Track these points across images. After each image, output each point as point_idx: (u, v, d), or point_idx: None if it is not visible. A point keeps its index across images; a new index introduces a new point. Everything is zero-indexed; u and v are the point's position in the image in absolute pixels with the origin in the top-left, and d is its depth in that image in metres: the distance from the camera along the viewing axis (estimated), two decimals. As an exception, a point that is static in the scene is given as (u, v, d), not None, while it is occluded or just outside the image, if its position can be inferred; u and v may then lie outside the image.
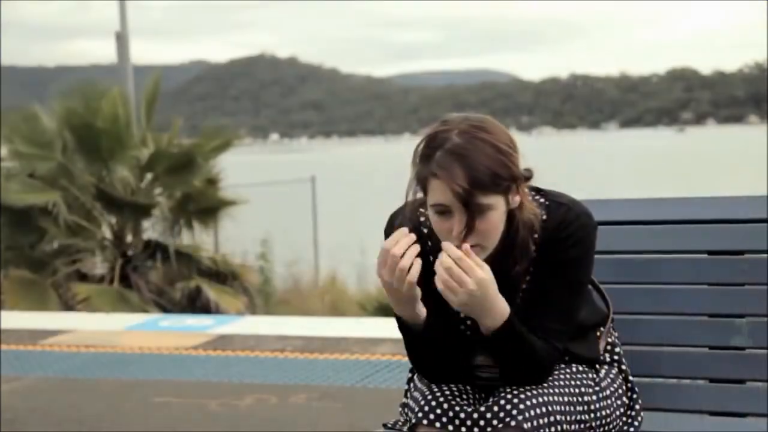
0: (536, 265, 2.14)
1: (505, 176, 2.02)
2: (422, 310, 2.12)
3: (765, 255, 2.43)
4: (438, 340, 2.15)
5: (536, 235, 2.13)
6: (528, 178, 2.10)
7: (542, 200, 2.16)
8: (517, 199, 2.08)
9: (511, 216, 2.09)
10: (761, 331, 2.41)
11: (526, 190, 2.12)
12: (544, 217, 2.13)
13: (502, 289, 2.08)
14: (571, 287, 2.14)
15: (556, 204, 2.15)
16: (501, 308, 2.06)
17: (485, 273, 2.01)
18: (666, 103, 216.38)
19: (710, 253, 2.49)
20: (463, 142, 2.01)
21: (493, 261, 2.10)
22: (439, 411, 2.06)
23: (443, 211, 2.03)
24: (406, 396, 2.29)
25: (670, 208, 2.57)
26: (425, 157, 2.05)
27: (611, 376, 2.27)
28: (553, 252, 2.11)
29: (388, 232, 2.19)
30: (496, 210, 2.03)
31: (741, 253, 2.46)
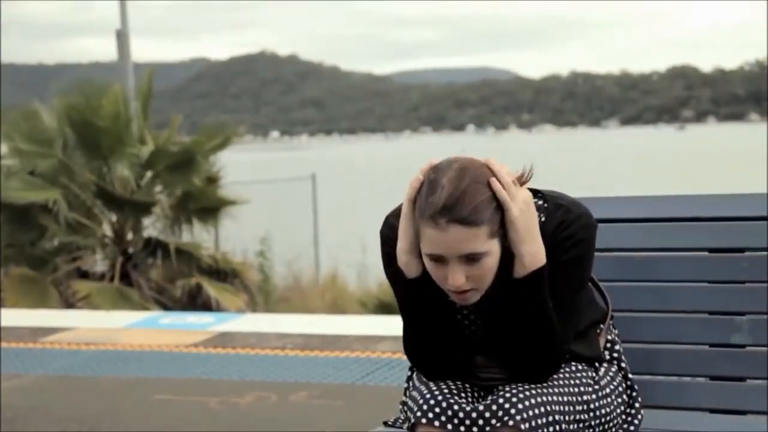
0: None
1: (497, 215, 2.02)
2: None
3: (765, 253, 2.43)
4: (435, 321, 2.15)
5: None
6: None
7: (540, 202, 2.16)
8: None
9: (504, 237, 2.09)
10: (761, 329, 2.41)
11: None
12: (543, 219, 2.12)
13: (503, 296, 2.09)
14: (571, 287, 2.15)
15: (555, 206, 2.15)
16: (541, 244, 2.07)
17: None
18: (666, 100, 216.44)
19: (711, 250, 2.49)
20: (456, 191, 1.98)
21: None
22: (438, 410, 2.06)
23: (438, 260, 2.02)
24: (405, 394, 2.29)
25: (670, 205, 2.57)
26: (418, 205, 2.03)
27: (611, 374, 2.26)
28: (554, 253, 2.11)
29: (384, 232, 2.21)
30: (491, 255, 2.03)
31: (741, 250, 2.46)
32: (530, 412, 2.01)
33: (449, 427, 2.03)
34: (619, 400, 2.24)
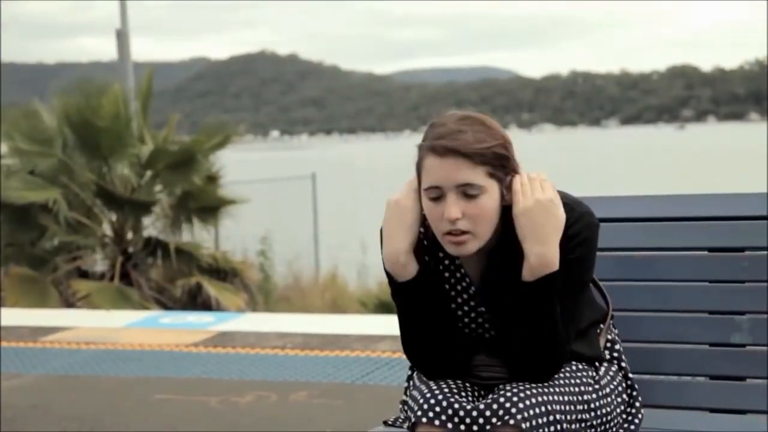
0: None
1: (499, 159, 2.05)
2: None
3: (765, 252, 2.43)
4: (433, 316, 2.17)
5: None
6: (516, 171, 2.11)
7: None
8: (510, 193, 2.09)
9: (509, 215, 2.09)
10: (761, 329, 2.41)
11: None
12: None
13: (507, 289, 2.09)
14: (574, 286, 2.14)
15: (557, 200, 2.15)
16: (555, 250, 2.06)
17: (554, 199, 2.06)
18: (666, 100, 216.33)
19: (711, 250, 2.49)
20: (460, 126, 2.05)
21: (493, 259, 2.12)
22: (438, 409, 2.06)
23: (437, 196, 2.05)
24: (405, 394, 2.29)
25: (670, 205, 2.57)
26: (422, 141, 2.09)
27: (611, 373, 2.27)
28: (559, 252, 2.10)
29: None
30: (490, 196, 2.05)
31: (741, 250, 2.46)
32: (531, 411, 2.01)
33: (449, 426, 2.03)
34: (619, 399, 2.24)
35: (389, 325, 6.68)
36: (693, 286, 2.49)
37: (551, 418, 2.04)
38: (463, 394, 2.14)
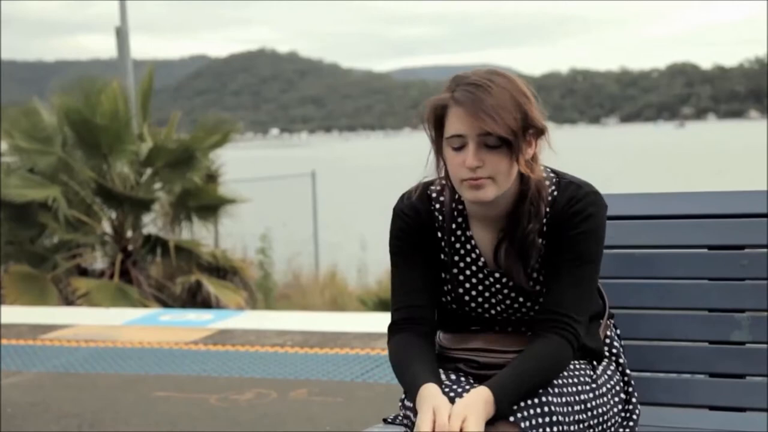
0: (547, 244, 2.17)
1: (522, 115, 2.08)
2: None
3: (765, 250, 2.42)
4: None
5: (547, 209, 2.17)
6: (542, 132, 2.14)
7: (553, 177, 2.20)
8: (531, 151, 2.13)
9: (523, 176, 2.14)
10: (761, 326, 2.41)
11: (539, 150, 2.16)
12: (555, 194, 2.17)
13: (514, 248, 2.15)
14: (583, 260, 2.16)
15: (566, 182, 2.20)
16: (485, 408, 2.01)
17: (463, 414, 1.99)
18: (666, 98, 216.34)
19: (710, 247, 2.49)
20: (485, 80, 2.09)
21: (505, 219, 2.18)
22: None
23: (459, 145, 2.10)
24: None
25: (669, 202, 2.57)
26: (446, 91, 2.13)
27: (609, 372, 2.27)
28: (565, 228, 2.15)
29: (400, 207, 2.26)
30: (508, 149, 2.08)
31: (741, 247, 2.46)
32: (530, 411, 2.02)
33: None
34: (617, 399, 2.25)
35: (389, 323, 6.66)
36: (693, 283, 2.49)
37: (552, 419, 2.05)
38: (461, 390, 2.13)
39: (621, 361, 2.32)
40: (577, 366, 2.21)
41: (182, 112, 12.05)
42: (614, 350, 2.33)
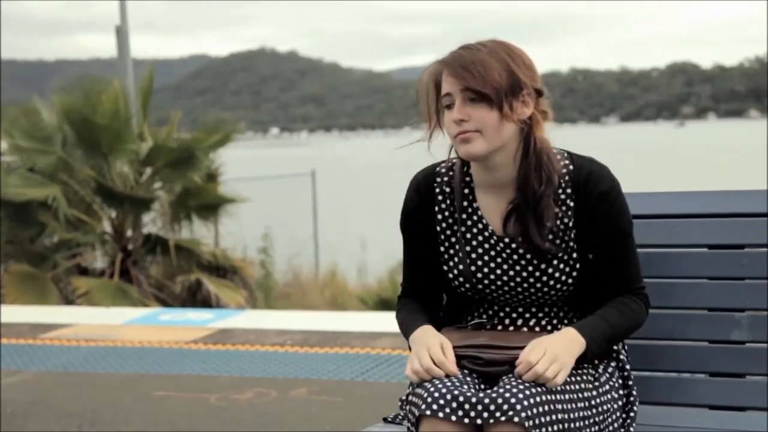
0: (591, 223, 2.23)
1: (509, 74, 2.17)
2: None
3: (765, 249, 2.42)
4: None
5: (567, 178, 2.24)
6: (541, 94, 2.22)
7: (563, 152, 2.28)
8: (527, 111, 2.19)
9: (527, 138, 2.21)
10: (761, 326, 2.41)
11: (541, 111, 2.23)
12: (571, 167, 2.24)
13: (529, 211, 2.20)
14: (626, 236, 2.28)
15: (578, 157, 2.28)
16: (572, 340, 2.17)
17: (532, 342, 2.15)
18: (666, 97, 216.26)
19: (710, 247, 2.49)
20: (476, 43, 2.22)
21: (513, 186, 2.23)
22: (442, 401, 2.06)
23: (449, 103, 2.21)
24: (410, 387, 2.29)
25: (670, 202, 2.57)
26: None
27: (609, 370, 2.28)
28: (601, 208, 2.23)
29: (419, 178, 2.34)
30: (494, 104, 2.16)
31: (741, 247, 2.46)
32: (535, 410, 2.03)
33: (453, 418, 2.04)
34: (617, 394, 2.26)
35: (389, 322, 6.65)
36: (693, 283, 2.49)
37: (556, 416, 2.06)
38: (465, 387, 2.13)
39: (621, 357, 2.33)
40: (579, 365, 2.21)
41: (182, 111, 12.06)
42: (615, 346, 2.34)
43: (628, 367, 2.33)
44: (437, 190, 2.31)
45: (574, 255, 2.24)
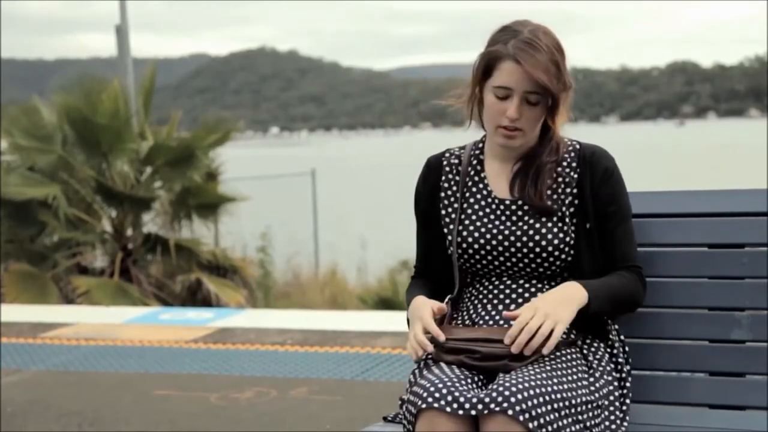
0: (593, 196, 2.34)
1: (559, 73, 2.29)
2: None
3: (765, 248, 2.43)
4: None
5: (573, 154, 2.37)
6: (569, 87, 2.34)
7: (566, 140, 2.42)
8: (562, 108, 2.34)
9: (546, 125, 2.37)
10: (761, 325, 2.41)
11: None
12: (578, 146, 2.39)
13: (531, 174, 2.34)
14: (625, 216, 2.38)
15: (578, 141, 2.42)
16: (571, 293, 2.23)
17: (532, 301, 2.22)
18: (666, 96, 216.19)
19: (711, 246, 2.49)
20: (537, 39, 2.28)
21: (521, 155, 2.38)
22: (437, 395, 2.10)
23: (504, 96, 2.29)
24: (410, 382, 2.30)
25: (669, 201, 2.57)
26: (500, 41, 2.31)
27: (603, 362, 2.32)
28: (603, 185, 2.34)
29: (436, 157, 2.48)
30: (544, 105, 2.30)
31: (741, 246, 2.46)
32: (530, 402, 2.05)
33: (448, 410, 2.08)
34: (611, 387, 2.28)
35: (389, 321, 6.68)
36: (693, 282, 2.49)
37: (551, 407, 2.08)
38: (464, 383, 2.17)
39: (616, 346, 2.37)
40: (574, 357, 2.26)
41: (182, 110, 12.06)
42: (612, 334, 2.38)
43: (621, 360, 2.36)
44: (445, 162, 2.45)
45: (573, 221, 2.33)
